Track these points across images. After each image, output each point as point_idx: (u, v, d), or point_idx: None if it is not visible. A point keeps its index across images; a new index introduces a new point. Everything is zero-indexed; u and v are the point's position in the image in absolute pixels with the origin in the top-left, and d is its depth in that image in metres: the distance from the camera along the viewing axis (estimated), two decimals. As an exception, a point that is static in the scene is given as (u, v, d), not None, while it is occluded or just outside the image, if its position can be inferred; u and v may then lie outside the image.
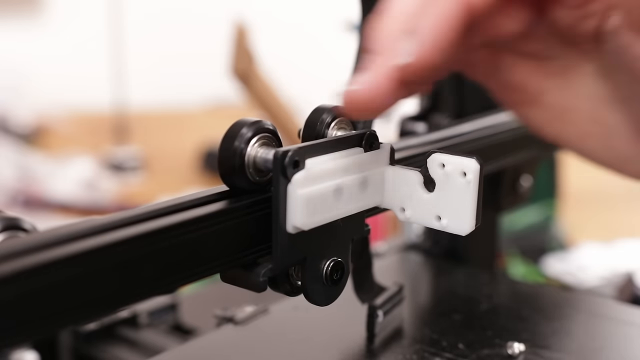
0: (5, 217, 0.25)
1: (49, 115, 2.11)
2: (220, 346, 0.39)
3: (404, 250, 0.54)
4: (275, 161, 0.28)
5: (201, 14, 2.42)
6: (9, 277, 0.21)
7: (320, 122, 0.32)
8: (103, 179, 1.74)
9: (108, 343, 0.48)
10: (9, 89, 2.04)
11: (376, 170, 0.31)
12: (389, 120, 0.42)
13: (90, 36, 2.24)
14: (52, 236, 0.23)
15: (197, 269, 0.27)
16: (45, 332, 0.23)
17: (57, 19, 2.31)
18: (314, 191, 0.28)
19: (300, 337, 0.40)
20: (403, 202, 0.31)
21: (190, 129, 2.13)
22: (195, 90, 2.43)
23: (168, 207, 0.27)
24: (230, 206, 0.28)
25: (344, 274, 0.32)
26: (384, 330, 0.39)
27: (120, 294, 0.25)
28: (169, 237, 0.26)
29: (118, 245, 0.24)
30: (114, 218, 0.25)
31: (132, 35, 2.12)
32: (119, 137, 1.94)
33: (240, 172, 0.29)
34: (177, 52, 2.43)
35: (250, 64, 1.44)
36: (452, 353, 0.37)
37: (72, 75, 2.25)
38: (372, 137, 0.31)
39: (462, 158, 0.29)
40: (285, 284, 0.31)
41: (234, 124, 0.29)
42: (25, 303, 0.22)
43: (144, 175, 1.83)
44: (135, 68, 2.11)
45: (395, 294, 0.40)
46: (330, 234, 0.31)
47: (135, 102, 2.06)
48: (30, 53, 2.20)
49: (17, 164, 1.73)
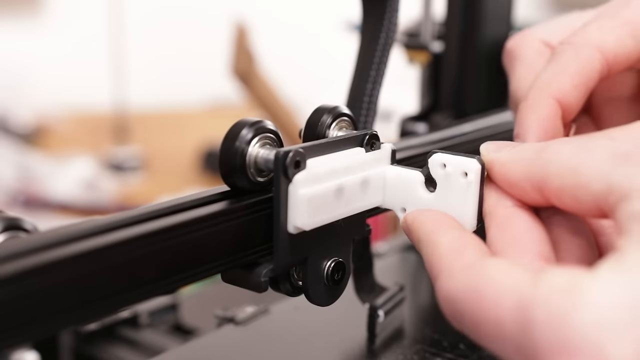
0: (6, 217, 0.24)
1: (49, 115, 2.11)
2: (220, 346, 0.39)
3: (405, 250, 0.54)
4: (277, 161, 0.28)
5: (201, 14, 2.42)
6: (9, 277, 0.21)
7: (321, 122, 0.32)
8: (103, 179, 1.73)
9: (109, 343, 0.48)
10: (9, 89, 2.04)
11: (377, 170, 0.31)
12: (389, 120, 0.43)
13: (90, 36, 2.23)
14: (53, 236, 0.23)
15: (198, 269, 0.27)
16: (46, 332, 0.23)
17: (57, 19, 2.31)
18: (315, 191, 0.28)
19: (301, 338, 0.40)
20: (404, 202, 0.31)
21: (190, 129, 2.13)
22: (196, 90, 2.43)
23: (169, 207, 0.27)
24: (231, 206, 0.28)
25: (345, 274, 0.32)
26: (385, 330, 0.39)
27: (121, 294, 0.25)
28: (169, 237, 0.26)
29: (119, 246, 0.24)
30: (115, 218, 0.25)
31: (132, 35, 2.12)
32: (119, 137, 1.94)
33: (242, 172, 0.29)
34: (177, 52, 2.43)
35: (251, 64, 1.44)
36: (453, 353, 0.37)
37: (72, 75, 2.25)
38: (373, 138, 0.31)
39: (463, 158, 0.29)
40: (286, 284, 0.31)
41: (235, 124, 0.29)
42: (26, 303, 0.22)
43: (144, 175, 1.83)
44: (135, 68, 2.11)
45: (395, 294, 0.40)
46: (331, 234, 0.31)
47: (135, 102, 2.06)
48: (30, 53, 2.20)
49: (17, 164, 1.73)
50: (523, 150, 0.28)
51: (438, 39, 0.52)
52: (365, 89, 0.36)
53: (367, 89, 0.36)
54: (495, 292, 0.24)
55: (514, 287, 0.24)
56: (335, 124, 0.32)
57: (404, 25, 0.53)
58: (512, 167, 0.28)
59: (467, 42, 0.50)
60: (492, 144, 0.30)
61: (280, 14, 2.44)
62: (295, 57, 2.38)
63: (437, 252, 0.27)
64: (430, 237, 0.28)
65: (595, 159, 0.26)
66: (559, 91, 0.34)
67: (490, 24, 0.50)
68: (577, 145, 0.27)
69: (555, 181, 0.27)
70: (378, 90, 0.36)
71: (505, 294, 0.24)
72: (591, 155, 0.26)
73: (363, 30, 0.37)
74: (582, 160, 0.26)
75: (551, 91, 0.34)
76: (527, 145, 0.29)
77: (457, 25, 0.50)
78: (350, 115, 0.33)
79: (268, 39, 1.84)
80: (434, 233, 0.28)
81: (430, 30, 0.52)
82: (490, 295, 0.24)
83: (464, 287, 0.25)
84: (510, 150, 0.29)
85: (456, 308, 0.25)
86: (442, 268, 0.26)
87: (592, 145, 0.26)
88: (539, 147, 0.28)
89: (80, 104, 2.23)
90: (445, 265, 0.26)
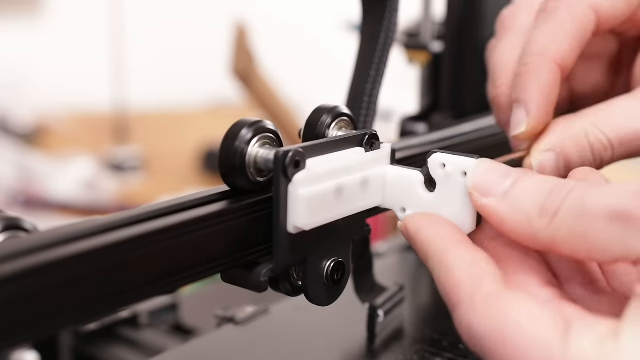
0: (6, 217, 0.24)
1: (49, 115, 2.11)
2: (220, 346, 0.39)
3: (404, 250, 0.54)
4: (276, 161, 0.28)
5: (201, 14, 2.42)
6: (9, 277, 0.21)
7: (321, 122, 0.32)
8: (103, 179, 1.73)
9: (108, 343, 0.48)
10: (9, 89, 2.04)
11: (377, 170, 0.31)
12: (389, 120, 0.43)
13: (91, 36, 2.23)
14: (53, 236, 0.23)
15: (197, 269, 0.27)
16: (46, 332, 0.23)
17: (57, 19, 2.31)
18: (315, 191, 0.28)
19: (300, 337, 0.40)
20: (404, 202, 0.31)
21: (190, 129, 2.13)
22: (195, 90, 2.43)
23: (169, 207, 0.27)
24: (231, 206, 0.28)
25: (345, 274, 0.32)
26: (385, 330, 0.39)
27: (121, 294, 0.25)
28: (169, 237, 0.26)
29: (119, 246, 0.24)
30: (115, 218, 0.25)
31: (132, 35, 2.12)
32: (119, 137, 1.94)
33: (241, 172, 0.29)
34: (177, 51, 2.43)
35: (251, 64, 1.44)
36: (453, 353, 0.37)
37: (72, 75, 2.25)
38: (372, 137, 0.31)
39: (462, 158, 0.29)
40: (286, 284, 0.31)
41: (235, 124, 0.29)
42: (26, 303, 0.22)
43: (144, 175, 1.83)
44: (135, 68, 2.11)
45: (395, 294, 0.40)
46: (331, 234, 0.31)
47: (135, 102, 2.06)
48: (30, 53, 2.20)
49: (17, 164, 1.73)
50: (521, 210, 0.26)
51: (438, 39, 0.52)
52: (365, 89, 0.36)
53: (367, 89, 0.36)
54: (524, 344, 0.24)
55: (543, 345, 0.24)
56: (335, 123, 0.32)
57: (404, 25, 0.53)
58: (513, 227, 0.27)
59: (467, 42, 0.50)
60: (480, 183, 0.28)
61: (280, 14, 2.43)
62: (295, 57, 2.38)
63: (453, 278, 0.27)
64: (442, 258, 0.27)
65: (600, 224, 0.25)
66: (558, 54, 0.33)
67: (490, 24, 0.50)
68: (575, 207, 0.25)
69: (565, 246, 0.26)
70: (378, 90, 0.36)
71: (534, 351, 0.24)
72: (594, 220, 0.25)
73: (363, 30, 0.37)
74: (588, 227, 0.25)
75: (551, 55, 0.33)
76: (524, 201, 0.27)
77: (457, 25, 0.50)
78: (350, 115, 0.33)
79: (268, 39, 1.84)
80: (445, 253, 0.27)
81: (430, 30, 0.52)
82: (519, 345, 0.24)
83: (487, 325, 0.25)
84: (506, 203, 0.27)
85: (480, 345, 0.25)
86: (461, 299, 0.26)
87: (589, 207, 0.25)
88: (538, 207, 0.26)
89: (80, 104, 2.23)
90: (464, 296, 0.26)
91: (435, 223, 0.29)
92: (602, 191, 0.25)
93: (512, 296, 0.25)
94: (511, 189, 0.27)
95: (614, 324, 0.24)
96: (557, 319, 0.24)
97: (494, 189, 0.27)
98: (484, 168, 0.28)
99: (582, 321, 0.24)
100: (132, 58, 2.09)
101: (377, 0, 0.36)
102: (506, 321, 0.25)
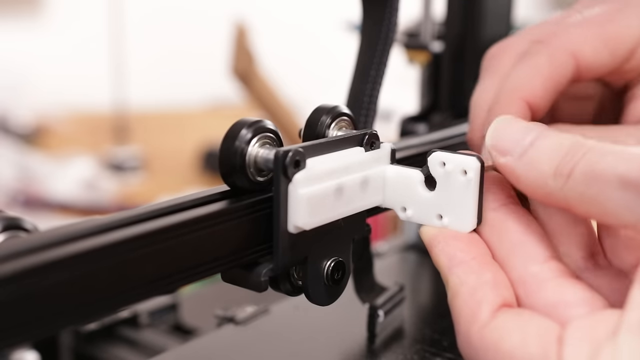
0: (6, 217, 0.24)
1: (49, 115, 2.11)
2: (220, 346, 0.39)
3: (405, 250, 0.54)
4: (277, 161, 0.28)
5: (201, 14, 2.42)
6: (9, 277, 0.21)
7: (321, 122, 0.32)
8: (103, 179, 1.73)
9: (108, 343, 0.48)
10: (9, 89, 2.04)
11: (377, 169, 0.31)
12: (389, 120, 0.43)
13: (91, 36, 2.23)
14: (53, 236, 0.23)
15: (197, 268, 0.27)
16: (46, 332, 0.23)
17: (57, 19, 2.31)
18: (315, 191, 0.28)
19: (301, 337, 0.40)
20: (404, 201, 0.31)
21: (190, 129, 2.13)
22: (195, 90, 2.43)
23: (169, 207, 0.27)
24: (231, 206, 0.28)
25: (345, 274, 0.32)
26: (385, 330, 0.39)
27: (121, 294, 0.25)
28: (169, 237, 0.26)
29: (118, 245, 0.24)
30: (115, 218, 0.25)
31: (132, 35, 2.12)
32: (119, 137, 1.94)
33: (241, 171, 0.29)
34: (177, 52, 2.43)
35: (250, 64, 1.44)
36: (453, 353, 0.37)
37: (72, 75, 2.25)
38: (372, 137, 0.31)
39: (462, 156, 0.29)
40: (286, 284, 0.31)
41: (235, 123, 0.29)
42: (26, 303, 0.22)
43: (144, 175, 1.83)
44: (135, 68, 2.11)
45: (395, 294, 0.40)
46: (331, 234, 0.31)
47: (135, 102, 2.06)
48: (30, 53, 2.20)
49: (17, 164, 1.73)
50: (537, 170, 0.27)
51: (438, 39, 0.52)
52: (365, 89, 0.36)
53: (367, 89, 0.36)
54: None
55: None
56: (335, 123, 0.32)
57: (404, 25, 0.53)
58: (528, 186, 0.27)
59: (467, 42, 0.50)
60: (498, 143, 0.28)
61: (280, 14, 2.44)
62: (295, 57, 2.38)
63: (454, 305, 0.28)
64: (448, 276, 0.28)
65: (611, 190, 0.25)
66: (530, 93, 0.34)
67: (490, 24, 0.50)
68: (586, 166, 0.25)
69: (579, 207, 0.26)
70: (378, 90, 0.36)
71: None
72: (605, 183, 0.25)
73: (363, 30, 0.37)
74: (599, 191, 0.25)
75: (522, 94, 0.34)
76: (540, 161, 0.27)
77: (457, 25, 0.50)
78: (350, 115, 0.33)
79: (268, 39, 1.84)
80: (450, 273, 0.28)
81: (430, 30, 0.52)
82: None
83: (480, 355, 0.27)
84: (524, 162, 0.27)
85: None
86: (460, 330, 0.28)
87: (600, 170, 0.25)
88: (553, 167, 0.26)
89: (80, 104, 2.23)
90: (462, 328, 0.28)
91: (444, 239, 0.29)
92: (617, 156, 0.25)
93: (504, 325, 0.26)
94: (529, 148, 0.27)
95: (611, 331, 0.24)
96: (550, 339, 0.25)
97: (512, 148, 0.28)
98: (503, 125, 0.28)
99: (575, 334, 0.25)
100: (132, 58, 2.09)
101: (377, 1, 0.36)
102: (500, 351, 0.26)
